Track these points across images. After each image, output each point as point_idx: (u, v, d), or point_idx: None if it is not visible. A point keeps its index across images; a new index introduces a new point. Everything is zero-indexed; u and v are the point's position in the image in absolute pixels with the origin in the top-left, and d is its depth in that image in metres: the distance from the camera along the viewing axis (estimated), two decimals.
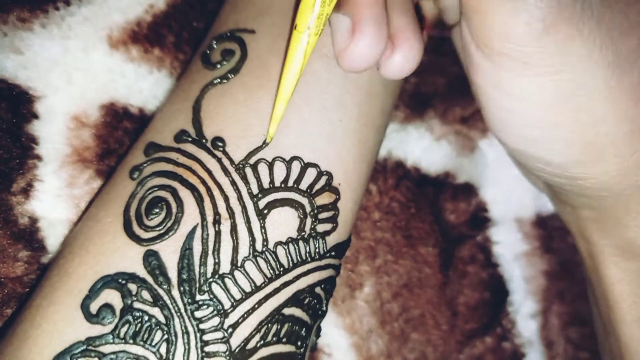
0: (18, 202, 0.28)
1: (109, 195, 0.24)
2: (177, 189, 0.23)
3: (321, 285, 0.24)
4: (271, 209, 0.23)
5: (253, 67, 0.25)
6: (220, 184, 0.23)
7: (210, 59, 0.26)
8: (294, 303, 0.23)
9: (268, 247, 0.22)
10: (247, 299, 0.22)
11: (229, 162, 0.23)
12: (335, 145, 0.24)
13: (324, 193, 0.24)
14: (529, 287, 0.36)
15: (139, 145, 0.25)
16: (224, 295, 0.21)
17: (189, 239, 0.22)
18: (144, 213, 0.22)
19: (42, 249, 0.28)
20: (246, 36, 0.26)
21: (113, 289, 0.21)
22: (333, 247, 0.24)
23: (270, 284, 0.22)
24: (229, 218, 0.22)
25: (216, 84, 0.25)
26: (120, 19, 0.30)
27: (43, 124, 0.28)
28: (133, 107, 0.30)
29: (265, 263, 0.22)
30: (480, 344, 0.35)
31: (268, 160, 0.23)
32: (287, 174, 0.23)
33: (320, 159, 0.24)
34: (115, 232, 0.22)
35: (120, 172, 0.25)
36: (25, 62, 0.28)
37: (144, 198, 0.23)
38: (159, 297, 0.21)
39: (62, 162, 0.28)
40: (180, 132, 0.24)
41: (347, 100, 0.25)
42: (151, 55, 0.31)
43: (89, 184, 0.29)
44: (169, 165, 0.23)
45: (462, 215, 0.35)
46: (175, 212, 0.22)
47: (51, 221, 0.28)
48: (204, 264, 0.22)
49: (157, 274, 0.21)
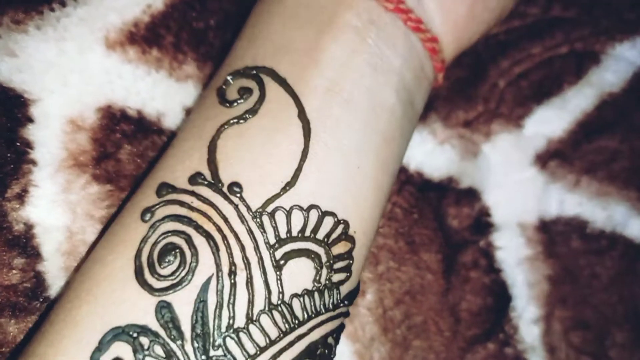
0: (13, 208, 0.27)
1: (118, 236, 0.23)
2: (192, 236, 0.22)
3: (333, 334, 0.23)
4: (288, 260, 0.22)
5: (271, 108, 0.24)
6: (237, 232, 0.22)
7: (226, 96, 0.25)
8: (307, 355, 0.22)
9: (284, 299, 0.22)
10: (261, 354, 0.21)
11: (246, 209, 0.22)
12: (352, 193, 0.24)
13: (340, 242, 0.23)
14: (532, 292, 0.36)
15: (150, 184, 0.24)
16: (239, 350, 0.21)
17: (203, 290, 0.21)
18: (156, 260, 0.22)
19: (38, 256, 0.27)
20: (264, 74, 0.25)
21: (124, 342, 0.20)
22: (345, 296, 0.24)
23: (285, 337, 0.22)
24: (245, 269, 0.22)
25: (233, 124, 0.24)
26: (117, 19, 0.30)
27: (38, 128, 0.28)
28: (131, 110, 0.30)
29: (280, 316, 0.22)
30: (483, 350, 0.34)
31: (286, 209, 0.22)
32: (305, 223, 0.23)
33: (338, 207, 0.23)
34: (125, 279, 0.21)
35: (130, 211, 0.24)
36: (20, 65, 0.28)
37: (156, 243, 0.22)
38: (172, 352, 0.20)
39: (57, 166, 0.28)
40: (196, 174, 0.23)
41: (365, 146, 0.24)
42: (149, 56, 0.30)
43: (85, 189, 0.28)
44: (183, 209, 0.22)
45: (464, 220, 0.35)
46: (190, 262, 0.21)
47: (47, 227, 0.27)
48: (219, 317, 0.21)
49: (170, 327, 0.20)
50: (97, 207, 0.28)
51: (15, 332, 0.26)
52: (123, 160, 0.29)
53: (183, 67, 0.31)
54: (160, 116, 0.30)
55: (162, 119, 0.30)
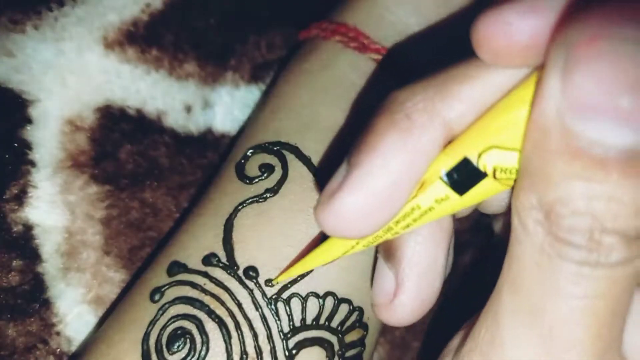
0: (11, 209, 0.27)
1: (125, 316, 0.22)
2: (203, 321, 0.21)
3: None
4: (300, 349, 0.21)
5: (294, 189, 0.23)
6: (250, 319, 0.21)
7: (245, 172, 0.24)
8: None
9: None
10: None
11: (261, 295, 0.21)
12: (368, 279, 0.23)
13: (354, 330, 0.23)
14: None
15: (161, 261, 0.23)
16: None
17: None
18: (164, 345, 0.21)
19: (37, 257, 0.27)
20: (288, 151, 0.23)
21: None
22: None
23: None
24: (257, 358, 0.21)
25: (251, 202, 0.23)
26: (116, 19, 0.30)
27: (37, 129, 0.28)
28: (130, 109, 0.30)
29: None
30: None
31: (302, 296, 0.22)
32: (320, 311, 0.22)
33: (354, 294, 0.23)
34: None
35: (140, 290, 0.23)
36: (18, 66, 0.28)
37: (165, 327, 0.21)
38: None
39: (56, 167, 0.28)
40: (210, 254, 0.22)
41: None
42: (148, 56, 0.30)
43: (84, 189, 0.28)
44: (195, 291, 0.22)
45: (464, 222, 0.35)
46: (200, 349, 0.21)
47: (46, 228, 0.27)
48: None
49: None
50: (97, 208, 0.28)
51: (14, 335, 0.26)
52: (122, 160, 0.29)
53: (184, 65, 0.31)
54: (161, 115, 0.30)
55: (163, 117, 0.30)
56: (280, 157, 0.23)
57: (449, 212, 0.18)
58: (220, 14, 0.32)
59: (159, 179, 0.29)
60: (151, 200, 0.29)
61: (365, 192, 0.17)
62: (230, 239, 0.22)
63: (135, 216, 0.29)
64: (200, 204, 0.25)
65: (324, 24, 0.27)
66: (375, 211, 0.17)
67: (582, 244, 0.15)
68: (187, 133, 0.30)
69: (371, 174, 0.16)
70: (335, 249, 0.20)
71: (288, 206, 0.23)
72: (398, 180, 0.16)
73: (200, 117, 0.31)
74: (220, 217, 0.23)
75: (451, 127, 0.17)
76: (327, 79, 0.25)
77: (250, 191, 0.23)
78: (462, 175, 0.16)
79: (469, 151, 0.16)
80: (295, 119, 0.24)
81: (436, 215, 0.18)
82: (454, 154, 0.17)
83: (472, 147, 0.16)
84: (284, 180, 0.23)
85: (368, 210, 0.17)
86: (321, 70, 0.25)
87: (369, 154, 0.16)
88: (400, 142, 0.16)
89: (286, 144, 0.23)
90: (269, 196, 0.23)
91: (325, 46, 0.26)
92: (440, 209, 0.17)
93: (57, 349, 0.26)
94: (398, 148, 0.16)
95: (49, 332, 0.27)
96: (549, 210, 0.15)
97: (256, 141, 0.24)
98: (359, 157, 0.17)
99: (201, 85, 0.31)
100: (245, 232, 0.22)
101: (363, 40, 0.25)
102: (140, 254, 0.28)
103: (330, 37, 0.26)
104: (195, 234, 0.23)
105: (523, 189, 0.15)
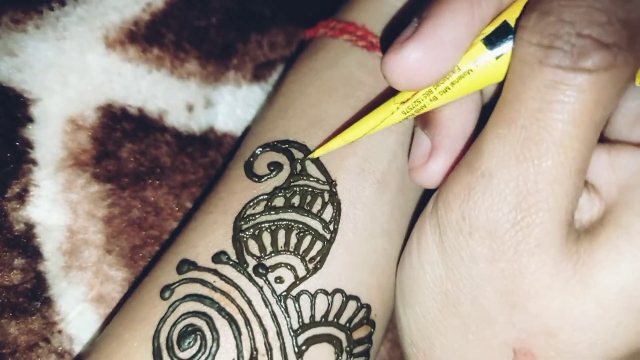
0: (13, 208, 0.27)
1: (135, 314, 0.22)
2: (214, 318, 0.21)
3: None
4: (310, 346, 0.22)
5: (302, 186, 0.23)
6: (260, 316, 0.21)
7: (254, 170, 0.24)
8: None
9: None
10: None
11: (271, 292, 0.22)
12: (377, 276, 0.23)
13: (361, 327, 0.23)
14: None
15: (170, 259, 0.23)
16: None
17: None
18: (175, 342, 0.21)
19: (39, 256, 0.27)
20: (296, 150, 0.24)
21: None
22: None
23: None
24: (266, 354, 0.21)
25: (261, 201, 0.23)
26: (117, 18, 0.30)
27: (38, 128, 0.28)
28: (132, 108, 0.30)
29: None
30: None
31: (311, 293, 0.22)
32: (329, 308, 0.22)
33: (362, 291, 0.23)
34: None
35: (149, 288, 0.23)
36: (20, 65, 0.28)
37: (176, 324, 0.21)
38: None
39: (58, 166, 0.28)
40: (220, 252, 0.22)
41: (392, 229, 0.24)
42: (150, 55, 0.30)
43: (86, 188, 0.28)
44: (205, 289, 0.22)
45: None
46: (211, 346, 0.21)
47: (47, 227, 0.27)
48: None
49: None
50: (98, 206, 0.28)
51: (16, 333, 0.26)
52: (124, 159, 0.29)
53: (185, 65, 0.31)
54: (162, 114, 0.30)
55: (164, 116, 0.30)
56: (289, 155, 0.24)
57: (481, 82, 0.20)
58: (221, 13, 0.32)
59: (160, 178, 0.29)
60: (153, 199, 0.29)
61: (434, 39, 0.19)
62: (239, 237, 0.22)
63: (136, 215, 0.29)
64: (209, 202, 0.25)
65: (331, 23, 0.27)
66: (439, 60, 0.19)
67: (562, 47, 0.17)
68: (189, 132, 0.30)
69: (441, 24, 0.19)
70: (373, 119, 0.21)
71: (296, 203, 0.23)
72: (461, 34, 0.19)
73: (202, 116, 0.31)
74: (229, 215, 0.23)
75: (502, 1, 0.20)
76: (335, 78, 0.25)
77: (260, 189, 0.23)
78: (498, 36, 0.20)
79: (508, 17, 0.20)
80: (303, 117, 0.24)
81: (471, 82, 0.20)
82: (494, 24, 0.20)
83: (510, 15, 0.20)
84: (292, 178, 0.23)
85: (433, 58, 0.19)
86: (329, 68, 0.25)
87: (441, 8, 0.19)
88: (467, 2, 0.19)
89: (295, 143, 0.24)
90: (278, 194, 0.23)
91: (333, 45, 0.26)
92: (475, 74, 0.20)
93: (58, 347, 0.27)
94: (465, 7, 0.19)
95: (50, 330, 0.27)
96: (539, 20, 0.18)
97: (265, 140, 0.24)
98: (431, 11, 0.19)
99: (203, 84, 0.31)
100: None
101: (371, 39, 0.25)
102: (141, 253, 0.28)
103: (338, 35, 0.26)
104: (205, 232, 0.23)
105: (526, 13, 0.18)
